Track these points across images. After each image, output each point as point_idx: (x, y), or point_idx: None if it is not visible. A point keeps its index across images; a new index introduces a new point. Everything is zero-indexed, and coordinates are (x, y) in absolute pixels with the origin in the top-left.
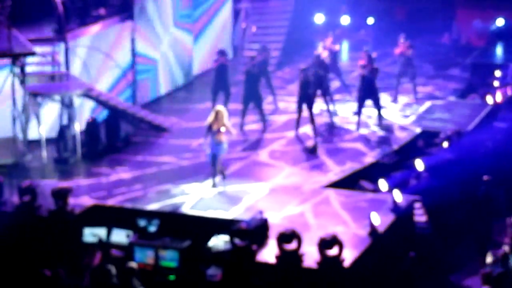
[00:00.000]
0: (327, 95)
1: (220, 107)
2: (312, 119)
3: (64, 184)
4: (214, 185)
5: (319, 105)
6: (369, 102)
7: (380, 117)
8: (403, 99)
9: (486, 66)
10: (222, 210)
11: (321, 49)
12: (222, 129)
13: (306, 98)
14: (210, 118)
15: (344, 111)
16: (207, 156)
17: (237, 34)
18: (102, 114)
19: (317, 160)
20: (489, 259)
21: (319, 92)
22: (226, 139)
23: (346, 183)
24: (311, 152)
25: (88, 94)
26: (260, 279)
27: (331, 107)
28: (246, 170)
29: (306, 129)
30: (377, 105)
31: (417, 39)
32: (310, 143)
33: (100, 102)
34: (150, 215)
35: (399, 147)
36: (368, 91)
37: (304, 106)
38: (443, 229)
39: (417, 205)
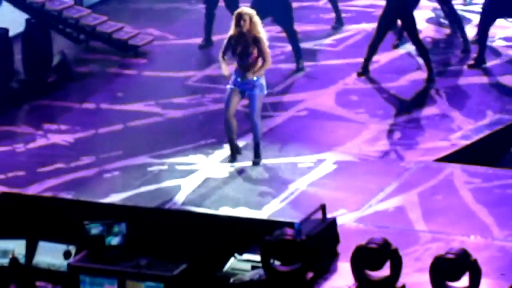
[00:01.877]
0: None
1: (246, 9)
2: (417, 40)
3: None
4: (232, 158)
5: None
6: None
7: None
8: None
9: None
10: (247, 204)
11: None
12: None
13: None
14: (232, 30)
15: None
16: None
17: None
18: (17, 22)
19: (429, 110)
20: None
21: None
22: (262, 71)
23: (484, 153)
24: (420, 97)
25: None
26: None
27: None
28: (293, 128)
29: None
30: None
31: None
32: (416, 77)
33: None
34: (110, 215)
35: None
36: None
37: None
38: None
39: None
